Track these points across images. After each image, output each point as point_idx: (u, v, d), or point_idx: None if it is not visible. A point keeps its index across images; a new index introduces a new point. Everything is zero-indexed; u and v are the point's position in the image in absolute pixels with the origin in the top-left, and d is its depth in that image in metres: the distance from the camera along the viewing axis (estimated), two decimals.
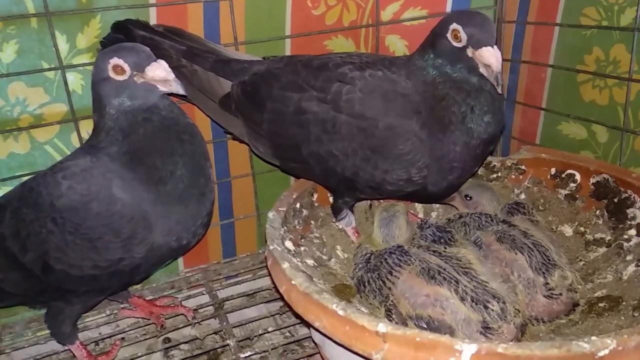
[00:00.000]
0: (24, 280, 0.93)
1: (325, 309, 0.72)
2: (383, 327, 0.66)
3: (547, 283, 0.89)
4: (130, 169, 0.89)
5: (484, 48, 0.87)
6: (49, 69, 1.05)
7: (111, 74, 0.87)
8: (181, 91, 0.90)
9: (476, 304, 0.80)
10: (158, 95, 0.90)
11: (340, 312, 0.70)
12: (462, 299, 0.81)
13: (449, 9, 1.30)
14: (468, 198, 1.09)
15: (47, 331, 1.04)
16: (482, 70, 0.89)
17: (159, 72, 0.87)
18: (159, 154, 0.89)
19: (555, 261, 0.92)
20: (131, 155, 0.89)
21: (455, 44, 0.91)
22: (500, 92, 0.90)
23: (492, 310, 0.80)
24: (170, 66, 0.89)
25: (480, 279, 0.84)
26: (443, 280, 0.83)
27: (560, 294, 0.89)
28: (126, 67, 0.87)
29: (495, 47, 0.87)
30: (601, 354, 0.61)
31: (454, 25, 0.90)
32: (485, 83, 0.92)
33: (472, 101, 0.92)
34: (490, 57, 0.86)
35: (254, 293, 1.22)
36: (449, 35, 0.91)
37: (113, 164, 0.89)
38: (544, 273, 0.90)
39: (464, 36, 0.89)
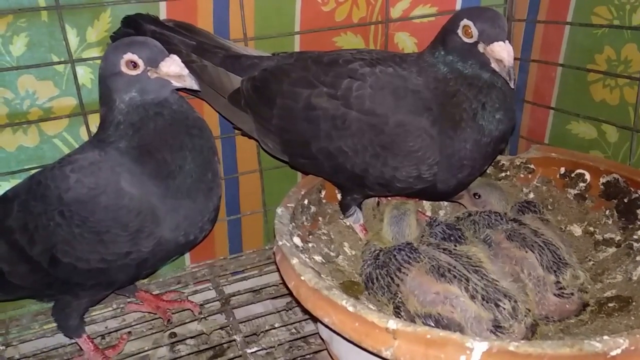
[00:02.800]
0: (31, 273, 0.93)
1: (335, 305, 0.72)
2: (393, 323, 0.66)
3: (559, 282, 0.89)
4: (140, 163, 0.89)
5: (495, 43, 0.87)
6: (59, 63, 1.05)
7: (123, 69, 0.87)
8: (195, 86, 0.89)
9: (487, 302, 0.80)
10: (170, 90, 0.90)
11: (350, 308, 0.70)
12: (473, 297, 0.80)
13: (458, 6, 1.30)
14: (477, 197, 1.09)
15: (54, 324, 1.05)
16: (494, 65, 0.89)
17: (174, 67, 0.87)
18: (168, 148, 0.89)
19: (567, 260, 0.91)
20: (141, 149, 0.89)
21: (466, 39, 0.90)
22: (513, 86, 0.90)
23: (504, 308, 0.79)
24: None
25: (491, 278, 0.83)
26: (453, 278, 0.82)
27: (572, 294, 0.89)
28: (140, 62, 0.87)
29: (507, 41, 0.87)
30: (613, 353, 0.61)
31: (465, 21, 0.90)
32: (497, 79, 0.91)
33: (484, 98, 0.91)
34: (502, 51, 0.86)
35: (260, 289, 1.21)
36: (459, 31, 0.91)
37: (122, 158, 0.89)
38: (555, 272, 0.90)
39: (475, 32, 0.89)
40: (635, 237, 0.99)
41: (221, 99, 1.10)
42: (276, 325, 1.10)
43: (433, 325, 0.81)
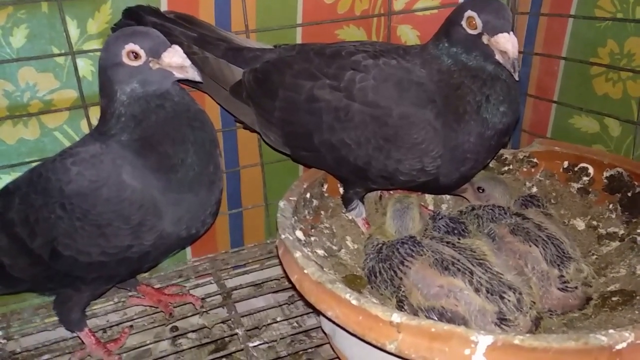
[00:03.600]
0: (32, 266, 0.93)
1: (339, 298, 0.71)
2: (397, 317, 0.66)
3: (562, 276, 0.89)
4: (141, 156, 0.88)
5: (500, 34, 0.86)
6: (59, 55, 1.04)
7: (125, 59, 0.86)
8: (197, 77, 0.89)
9: (492, 294, 0.79)
10: (172, 81, 0.90)
11: (354, 302, 0.70)
12: (477, 290, 0.80)
13: None
14: (480, 190, 1.09)
15: (56, 318, 1.05)
16: (498, 57, 0.88)
17: (176, 58, 0.86)
18: (171, 141, 0.89)
19: (570, 254, 0.91)
20: (142, 142, 0.88)
21: (470, 31, 0.90)
22: (517, 78, 0.89)
23: (509, 300, 0.79)
24: None
25: (495, 271, 0.83)
26: (457, 272, 0.82)
27: (576, 288, 0.89)
28: (142, 52, 0.86)
29: (511, 33, 0.86)
30: (619, 347, 0.60)
31: (469, 13, 0.89)
32: (501, 72, 0.91)
33: (488, 90, 0.91)
34: (506, 43, 0.85)
35: (262, 283, 1.21)
36: (463, 22, 0.90)
37: (123, 151, 0.88)
38: (558, 266, 0.89)
39: (479, 23, 0.88)
40: (639, 231, 0.99)
41: (223, 92, 1.10)
42: (278, 319, 1.10)
43: (436, 318, 0.81)
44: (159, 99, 0.89)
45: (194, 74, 0.88)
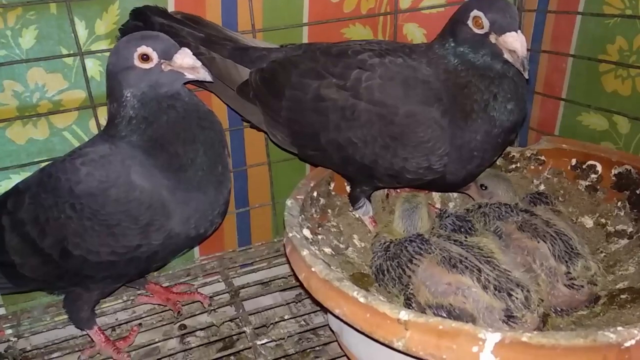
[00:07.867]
0: (42, 265, 0.94)
1: (346, 296, 0.72)
2: (405, 314, 0.66)
3: (569, 272, 0.89)
4: (151, 156, 0.89)
5: (507, 33, 0.86)
6: (68, 55, 1.05)
7: (136, 62, 0.87)
8: (208, 78, 0.90)
9: (499, 292, 0.79)
10: (182, 82, 0.90)
11: (361, 300, 0.70)
12: (485, 288, 0.80)
13: None
14: (483, 188, 1.08)
15: (65, 316, 1.06)
16: (506, 56, 0.88)
17: (187, 59, 0.87)
18: (181, 140, 0.89)
19: (579, 251, 0.91)
20: (153, 142, 0.89)
21: (476, 30, 0.89)
22: (526, 76, 0.89)
23: (517, 298, 0.79)
24: None
25: (503, 268, 0.83)
26: (465, 269, 0.82)
27: (582, 286, 0.88)
28: (154, 55, 0.87)
29: (519, 31, 0.86)
30: (627, 344, 0.60)
31: (475, 12, 0.89)
32: (508, 69, 0.90)
33: (496, 88, 0.90)
34: (514, 42, 0.85)
35: (269, 281, 1.22)
36: (469, 22, 0.90)
37: (133, 151, 0.89)
38: (566, 262, 0.89)
39: (486, 22, 0.88)
40: None
41: (230, 91, 1.10)
42: (285, 317, 1.11)
43: (444, 316, 0.81)
44: (170, 100, 0.89)
45: (205, 75, 0.89)
